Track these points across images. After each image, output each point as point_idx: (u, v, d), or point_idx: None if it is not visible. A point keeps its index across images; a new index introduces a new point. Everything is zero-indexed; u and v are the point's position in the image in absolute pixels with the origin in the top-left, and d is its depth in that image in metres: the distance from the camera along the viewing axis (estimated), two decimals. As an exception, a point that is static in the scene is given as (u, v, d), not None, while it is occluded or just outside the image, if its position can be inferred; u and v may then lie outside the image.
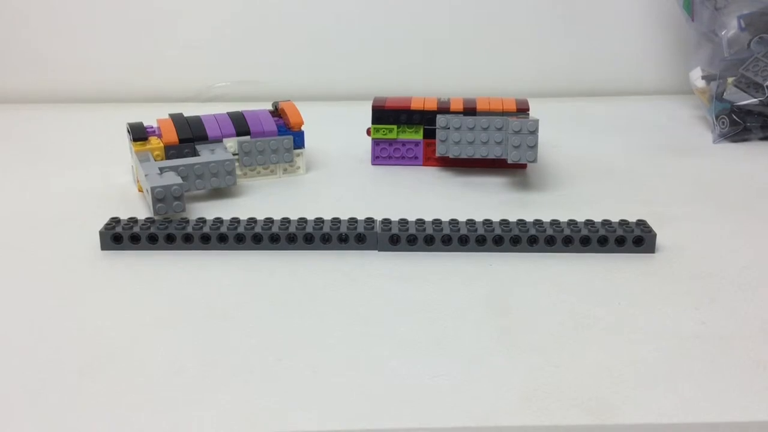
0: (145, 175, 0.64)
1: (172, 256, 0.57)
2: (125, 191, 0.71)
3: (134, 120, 0.71)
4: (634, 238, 0.58)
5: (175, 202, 0.62)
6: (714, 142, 0.88)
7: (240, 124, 0.73)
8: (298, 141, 0.75)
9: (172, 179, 0.63)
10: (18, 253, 0.58)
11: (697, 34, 0.96)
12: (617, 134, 0.91)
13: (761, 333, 0.47)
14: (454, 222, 0.59)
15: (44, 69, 1.06)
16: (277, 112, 0.76)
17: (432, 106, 0.76)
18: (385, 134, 0.77)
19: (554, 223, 0.59)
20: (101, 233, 0.58)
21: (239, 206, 0.68)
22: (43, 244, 0.59)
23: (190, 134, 0.71)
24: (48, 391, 0.41)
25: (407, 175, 0.76)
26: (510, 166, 0.76)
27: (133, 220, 0.59)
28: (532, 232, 0.58)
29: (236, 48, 1.08)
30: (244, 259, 0.57)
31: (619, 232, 0.58)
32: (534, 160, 0.68)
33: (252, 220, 0.59)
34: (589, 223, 0.59)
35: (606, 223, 0.59)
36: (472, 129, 0.71)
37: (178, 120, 0.72)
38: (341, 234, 0.58)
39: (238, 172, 0.72)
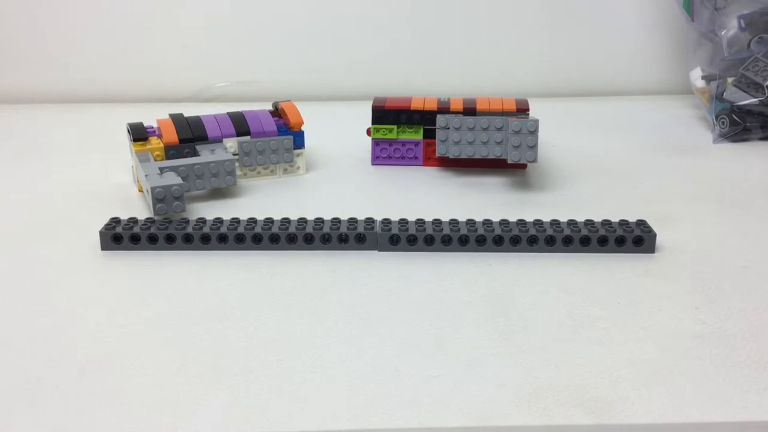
0: (145, 176, 0.64)
1: (172, 256, 0.57)
2: (125, 191, 0.71)
3: (134, 120, 0.71)
4: (634, 238, 0.58)
5: (175, 203, 0.62)
6: (714, 142, 0.88)
7: (240, 125, 0.73)
8: (298, 141, 0.75)
9: (172, 179, 0.63)
10: (18, 253, 0.58)
11: (697, 34, 0.96)
12: (617, 134, 0.91)
13: (761, 333, 0.47)
14: (454, 222, 0.59)
15: (44, 69, 1.06)
16: (277, 112, 0.76)
17: (432, 106, 0.76)
18: (385, 134, 0.77)
19: (554, 223, 0.59)
20: (101, 233, 0.58)
21: (239, 206, 0.68)
22: (43, 244, 0.59)
23: (190, 134, 0.71)
24: (48, 391, 0.41)
25: (407, 175, 0.76)
26: (510, 166, 0.76)
27: (133, 221, 0.59)
28: (532, 232, 0.58)
29: (236, 48, 1.08)
30: (244, 259, 0.57)
31: (619, 232, 0.58)
32: (534, 160, 0.68)
33: (252, 221, 0.59)
34: (589, 223, 0.59)
35: (606, 223, 0.59)
36: (472, 129, 0.71)
37: (178, 120, 0.72)
38: (341, 234, 0.58)
39: (238, 172, 0.72)
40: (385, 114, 0.77)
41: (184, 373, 0.43)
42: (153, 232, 0.58)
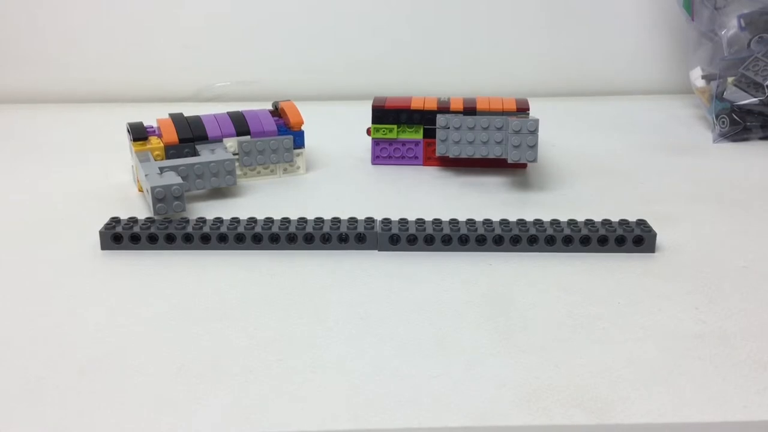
0: (145, 175, 0.64)
1: (172, 256, 0.57)
2: (125, 191, 0.71)
3: (134, 120, 0.71)
4: (634, 238, 0.58)
5: (175, 202, 0.62)
6: (714, 141, 0.88)
7: (240, 124, 0.73)
8: (298, 141, 0.75)
9: (172, 179, 0.63)
10: (18, 253, 0.58)
11: (697, 33, 0.96)
12: (617, 134, 0.91)
13: (761, 333, 0.47)
14: (454, 222, 0.59)
15: (44, 69, 1.06)
16: (277, 112, 0.76)
17: (432, 105, 0.76)
18: (385, 134, 0.77)
19: (554, 222, 0.59)
20: (101, 233, 0.58)
21: (239, 206, 0.68)
22: (43, 244, 0.59)
23: (190, 134, 0.71)
24: (48, 391, 0.41)
25: (407, 175, 0.76)
26: (510, 166, 0.76)
27: (133, 220, 0.59)
28: (532, 231, 0.58)
29: (236, 48, 1.08)
30: (244, 259, 0.57)
31: (619, 231, 0.58)
32: (534, 160, 0.68)
33: (252, 220, 0.59)
34: (589, 222, 0.59)
35: (606, 222, 0.59)
36: (472, 129, 0.71)
37: (178, 120, 0.72)
38: (341, 234, 0.58)
39: (238, 171, 0.72)
40: (385, 114, 0.77)
41: (184, 373, 0.43)
42: (153, 232, 0.58)
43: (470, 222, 0.59)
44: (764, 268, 0.56)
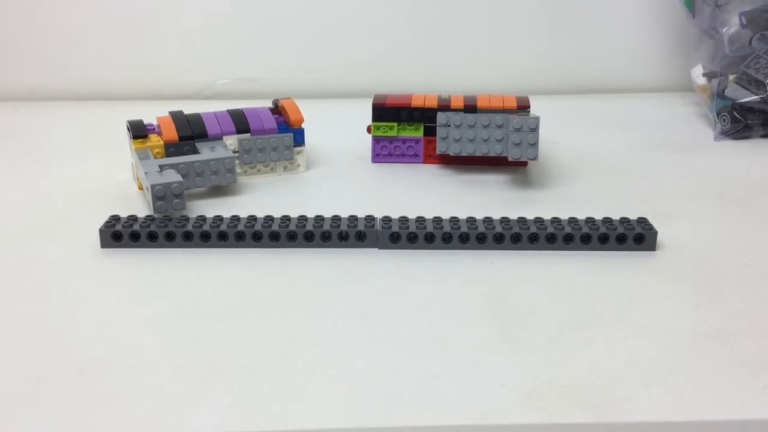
0: (145, 173, 0.64)
1: (172, 254, 0.57)
2: (125, 189, 0.71)
3: (134, 117, 0.71)
4: (635, 236, 0.57)
5: (175, 200, 0.62)
6: (715, 139, 0.88)
7: (240, 122, 0.72)
8: (299, 138, 0.75)
9: (172, 177, 0.63)
10: (18, 252, 0.58)
11: (698, 31, 0.96)
12: (618, 131, 0.91)
13: (761, 332, 0.47)
14: (454, 220, 0.59)
15: (44, 68, 1.06)
16: (277, 110, 0.76)
17: (432, 103, 0.76)
18: (386, 132, 0.77)
19: (555, 220, 0.59)
20: (101, 231, 0.58)
21: (239, 204, 0.68)
22: (43, 243, 0.59)
23: (190, 132, 0.71)
24: (48, 391, 0.41)
25: (408, 173, 0.76)
26: (511, 164, 0.76)
27: (133, 218, 0.59)
28: (533, 229, 0.58)
29: (236, 46, 1.08)
30: (244, 257, 0.57)
31: (620, 229, 0.57)
32: (535, 158, 0.68)
33: (252, 218, 0.59)
34: (590, 220, 0.59)
35: (607, 220, 0.59)
36: (472, 126, 0.71)
37: (178, 118, 0.71)
38: (341, 232, 0.58)
39: (239, 169, 0.72)
40: (386, 111, 0.77)
41: (184, 373, 0.43)
42: (153, 230, 0.58)
43: (471, 220, 0.59)
44: (765, 266, 0.55)
